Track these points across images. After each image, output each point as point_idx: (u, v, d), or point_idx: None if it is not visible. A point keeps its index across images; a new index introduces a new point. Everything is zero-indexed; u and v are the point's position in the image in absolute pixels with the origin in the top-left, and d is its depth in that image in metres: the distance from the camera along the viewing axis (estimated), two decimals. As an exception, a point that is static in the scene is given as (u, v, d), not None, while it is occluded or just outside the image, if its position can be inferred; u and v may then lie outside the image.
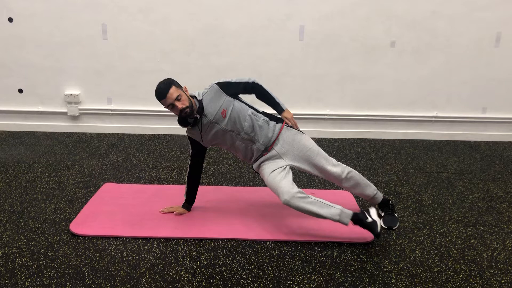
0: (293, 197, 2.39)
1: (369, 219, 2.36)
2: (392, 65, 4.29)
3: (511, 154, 4.06)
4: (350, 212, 2.41)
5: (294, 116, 2.68)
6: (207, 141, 2.60)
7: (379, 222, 2.39)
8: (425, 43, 4.22)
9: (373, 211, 2.41)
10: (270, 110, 2.67)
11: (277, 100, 2.62)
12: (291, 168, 2.57)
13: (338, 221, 2.39)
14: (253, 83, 2.58)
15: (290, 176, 2.51)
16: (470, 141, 4.43)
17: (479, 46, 4.23)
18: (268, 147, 2.56)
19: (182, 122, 2.51)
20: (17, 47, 4.24)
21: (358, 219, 2.39)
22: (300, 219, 2.71)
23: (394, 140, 4.41)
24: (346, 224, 2.40)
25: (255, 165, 2.62)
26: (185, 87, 2.52)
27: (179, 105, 2.41)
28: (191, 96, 2.52)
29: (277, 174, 2.49)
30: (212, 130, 2.53)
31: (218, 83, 2.53)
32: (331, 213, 2.38)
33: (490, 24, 4.15)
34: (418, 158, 3.92)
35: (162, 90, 2.40)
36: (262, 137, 2.54)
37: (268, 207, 2.89)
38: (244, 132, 2.53)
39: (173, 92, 2.40)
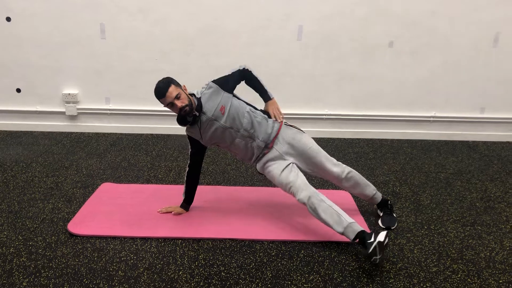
0: (311, 196, 2.39)
1: (371, 240, 2.21)
2: (390, 65, 4.29)
3: (509, 154, 4.07)
4: (359, 228, 2.30)
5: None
6: (207, 140, 2.59)
7: (376, 243, 2.17)
8: (424, 43, 4.22)
9: (381, 235, 2.20)
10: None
11: (265, 88, 2.65)
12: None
13: (342, 233, 2.33)
14: (244, 69, 2.62)
15: (302, 175, 2.53)
16: (468, 141, 4.43)
17: (478, 47, 4.23)
18: (268, 144, 2.56)
19: (181, 121, 2.51)
20: (16, 47, 4.22)
21: (362, 237, 2.27)
22: (298, 219, 2.71)
23: (392, 140, 4.41)
24: (350, 239, 2.31)
25: (259, 166, 2.62)
26: (184, 86, 2.52)
27: (179, 103, 2.41)
28: (189, 94, 2.53)
29: (289, 172, 2.50)
30: (211, 128, 2.53)
31: (214, 81, 2.56)
32: (337, 224, 2.33)
33: (489, 24, 4.15)
34: (416, 158, 3.93)
35: (161, 89, 2.41)
36: (262, 133, 2.55)
37: (266, 207, 2.89)
38: (243, 129, 2.53)
39: (172, 90, 2.40)
